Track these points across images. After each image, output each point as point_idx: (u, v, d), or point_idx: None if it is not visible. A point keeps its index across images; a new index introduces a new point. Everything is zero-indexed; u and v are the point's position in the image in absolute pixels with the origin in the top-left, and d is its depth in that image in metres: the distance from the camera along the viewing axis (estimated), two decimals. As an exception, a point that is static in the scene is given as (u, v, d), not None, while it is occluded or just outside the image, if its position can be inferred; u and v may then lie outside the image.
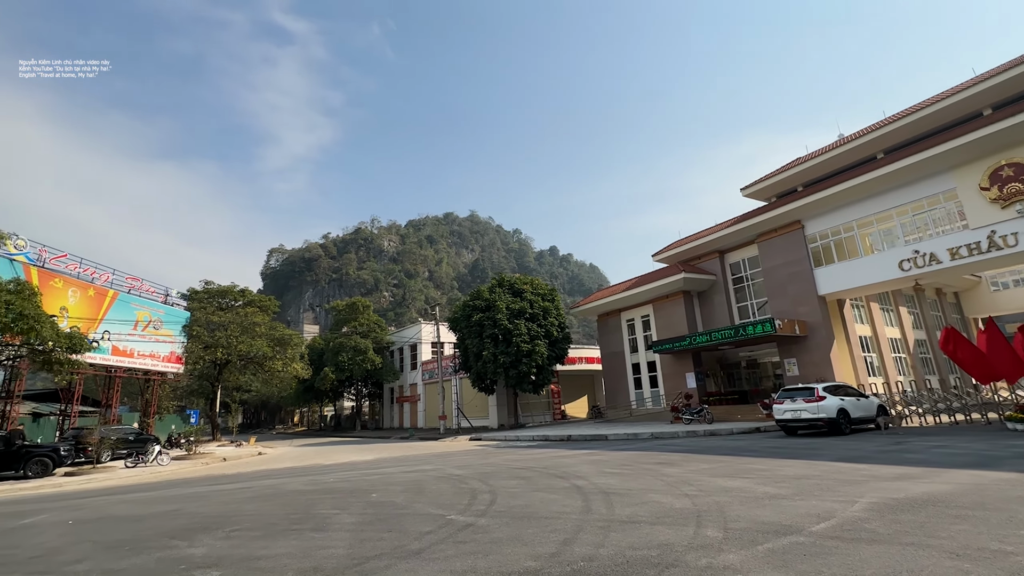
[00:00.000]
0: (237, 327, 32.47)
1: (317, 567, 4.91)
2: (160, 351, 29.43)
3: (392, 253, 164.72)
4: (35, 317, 16.01)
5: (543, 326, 30.33)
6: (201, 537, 6.58)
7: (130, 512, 9.14)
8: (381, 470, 13.76)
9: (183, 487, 12.99)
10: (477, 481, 10.14)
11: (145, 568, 5.28)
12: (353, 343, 41.40)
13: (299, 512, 7.98)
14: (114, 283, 26.67)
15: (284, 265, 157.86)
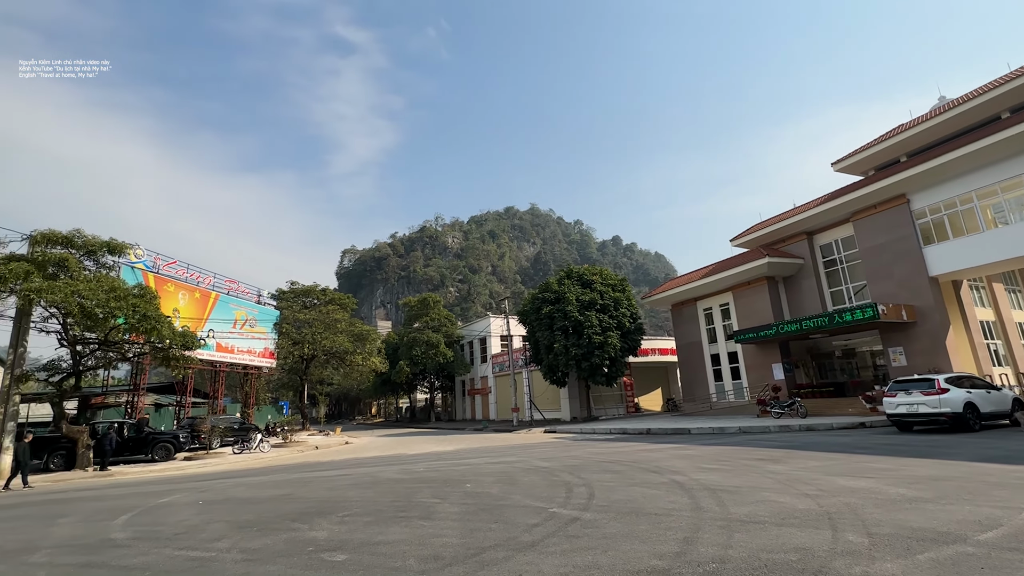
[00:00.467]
0: (321, 324, 34.52)
1: (436, 555, 4.99)
2: (255, 347, 31.92)
3: (456, 249, 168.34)
4: (156, 318, 17.80)
5: (614, 317, 29.66)
6: (318, 521, 6.95)
7: (248, 495, 9.90)
8: (467, 461, 14.02)
9: (287, 473, 13.95)
10: (567, 474, 10.02)
11: (276, 549, 5.63)
12: (425, 337, 42.73)
13: (401, 500, 8.25)
14: (215, 286, 29.20)
15: (356, 265, 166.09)
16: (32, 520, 8.56)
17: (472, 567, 4.56)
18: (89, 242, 17.76)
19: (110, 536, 6.83)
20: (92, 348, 19.31)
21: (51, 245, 17.35)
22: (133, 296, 17.44)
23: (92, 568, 5.33)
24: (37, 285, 15.43)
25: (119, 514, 8.52)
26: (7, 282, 15.57)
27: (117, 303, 16.64)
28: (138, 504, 9.52)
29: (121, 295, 17.05)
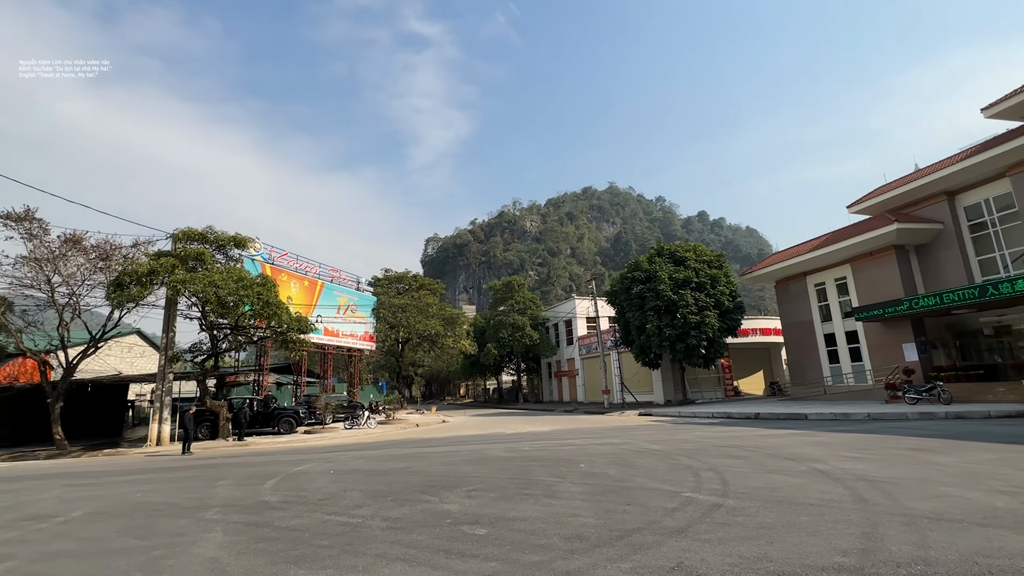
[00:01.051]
0: (414, 308, 36.13)
1: (578, 535, 4.84)
2: (357, 331, 34.13)
3: (535, 233, 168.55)
4: (276, 304, 19.53)
5: (712, 295, 27.90)
6: (446, 494, 7.13)
7: (372, 467, 10.50)
8: (570, 441, 13.90)
9: (398, 448, 14.72)
10: (685, 458, 9.51)
11: (415, 519, 5.81)
12: (511, 320, 43.24)
13: (520, 478, 8.26)
14: (320, 275, 31.48)
15: (439, 252, 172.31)
16: (197, 481, 9.71)
17: (623, 550, 4.34)
18: (220, 237, 19.78)
19: (264, 499, 7.50)
20: (225, 332, 21.64)
21: (189, 241, 19.55)
22: (257, 285, 19.22)
23: (258, 527, 5.82)
24: (182, 277, 17.48)
25: (265, 479, 9.39)
26: (159, 275, 17.80)
27: (245, 291, 18.42)
28: (278, 471, 10.46)
29: (247, 284, 18.85)
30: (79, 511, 7.25)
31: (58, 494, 9.00)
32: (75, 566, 4.70)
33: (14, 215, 18.96)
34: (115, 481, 10.39)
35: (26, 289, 20.56)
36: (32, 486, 10.26)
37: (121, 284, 17.82)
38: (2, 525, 6.59)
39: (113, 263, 20.47)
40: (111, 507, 7.47)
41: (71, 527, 6.29)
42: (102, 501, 8.01)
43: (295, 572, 4.23)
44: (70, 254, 20.05)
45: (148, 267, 17.35)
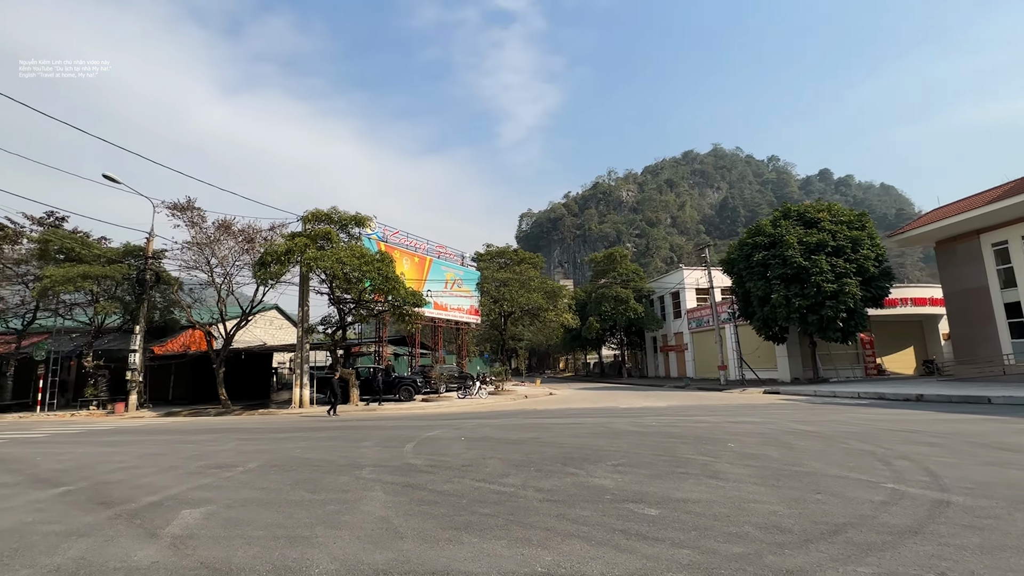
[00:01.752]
0: (516, 282, 36.33)
1: (775, 525, 4.16)
2: (463, 305, 35.18)
3: (631, 203, 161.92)
4: (395, 279, 20.53)
5: (852, 260, 24.46)
6: (590, 468, 6.76)
7: (500, 435, 10.52)
8: (699, 418, 12.94)
9: (517, 418, 14.78)
10: (857, 442, 8.23)
11: (570, 492, 5.49)
12: (614, 293, 41.94)
13: (665, 454, 7.66)
14: (428, 251, 32.70)
15: (533, 227, 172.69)
16: (343, 441, 10.41)
17: (845, 548, 3.60)
18: (342, 217, 21.11)
19: (409, 461, 7.72)
20: (349, 307, 23.31)
21: (317, 222, 21.11)
22: (376, 261, 20.27)
23: (414, 489, 5.89)
24: (313, 254, 18.94)
25: (403, 443, 9.79)
26: (294, 254, 19.45)
27: (367, 267, 19.52)
28: (412, 435, 10.89)
29: (368, 260, 19.94)
30: (254, 463, 8.00)
31: (234, 446, 10.15)
32: (264, 514, 5.02)
33: (179, 205, 21.79)
34: (276, 437, 11.53)
35: (191, 270, 23.78)
36: (212, 438, 11.75)
37: (264, 263, 19.78)
38: (197, 471, 7.45)
39: (256, 245, 22.85)
40: (279, 460, 8.16)
41: (251, 477, 6.90)
42: (270, 455, 8.82)
43: (468, 539, 4.08)
44: (222, 238, 22.71)
45: (285, 247, 19.02)
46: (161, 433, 13.50)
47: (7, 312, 26.58)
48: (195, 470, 7.55)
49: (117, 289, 24.58)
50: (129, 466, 8.11)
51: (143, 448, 10.33)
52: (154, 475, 7.26)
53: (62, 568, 3.74)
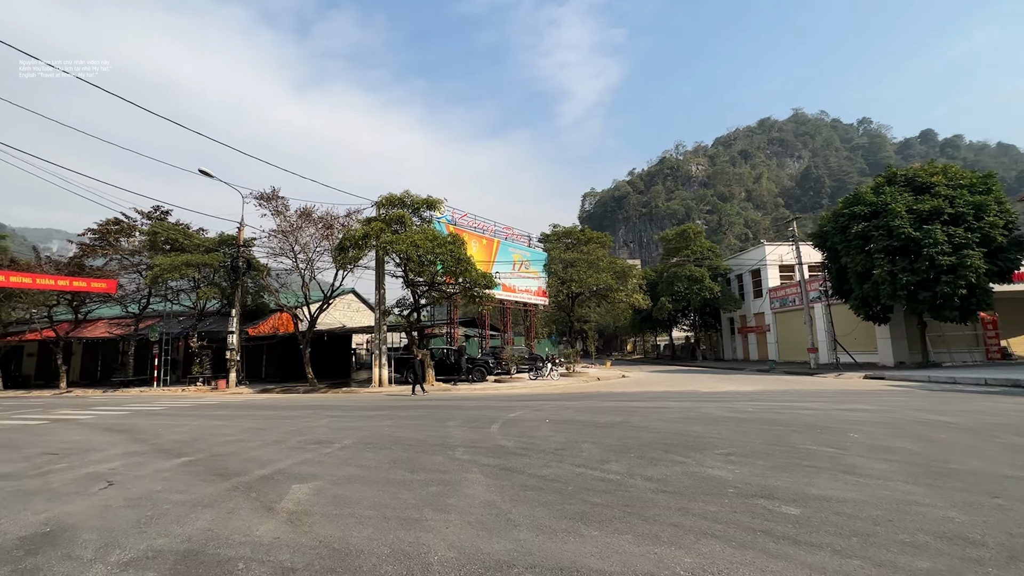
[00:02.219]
0: (584, 263, 35.52)
1: (958, 535, 3.48)
2: (531, 286, 34.97)
3: (701, 177, 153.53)
4: (467, 261, 20.61)
5: (974, 229, 21.46)
6: (698, 456, 6.23)
7: (584, 418, 10.16)
8: (799, 404, 11.87)
9: (595, 400, 14.36)
10: (1014, 435, 7.05)
11: (684, 484, 5.03)
12: (687, 272, 39.97)
13: (778, 444, 6.95)
14: (496, 233, 32.66)
15: (597, 207, 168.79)
16: (429, 420, 10.51)
17: (1071, 572, 2.89)
18: (415, 200, 21.40)
19: (499, 443, 7.56)
20: (423, 289, 23.76)
21: (391, 206, 21.54)
22: (448, 243, 20.41)
23: (513, 473, 5.68)
24: (389, 238, 19.35)
25: (487, 423, 9.70)
26: (370, 238, 19.99)
27: (439, 249, 19.69)
28: (494, 416, 10.81)
29: (441, 242, 20.11)
30: (349, 440, 8.20)
31: (327, 423, 10.56)
32: (369, 493, 5.00)
33: (265, 195, 23.05)
34: (364, 415, 11.90)
35: (277, 257, 25.23)
36: (306, 415, 12.35)
37: (343, 247, 20.51)
38: (298, 447, 7.73)
39: (334, 231, 23.78)
40: (371, 438, 8.32)
41: (349, 454, 7.03)
42: (362, 432, 9.03)
43: (587, 531, 3.77)
44: (304, 226, 23.83)
45: (362, 231, 19.58)
46: (259, 409, 14.43)
47: (126, 298, 29.70)
48: (296, 445, 7.83)
49: (215, 275, 26.65)
50: (237, 439, 8.59)
51: (246, 423, 11.01)
52: (260, 449, 7.60)
53: (193, 539, 3.84)
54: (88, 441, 8.83)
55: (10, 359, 33.84)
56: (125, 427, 10.72)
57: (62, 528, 4.14)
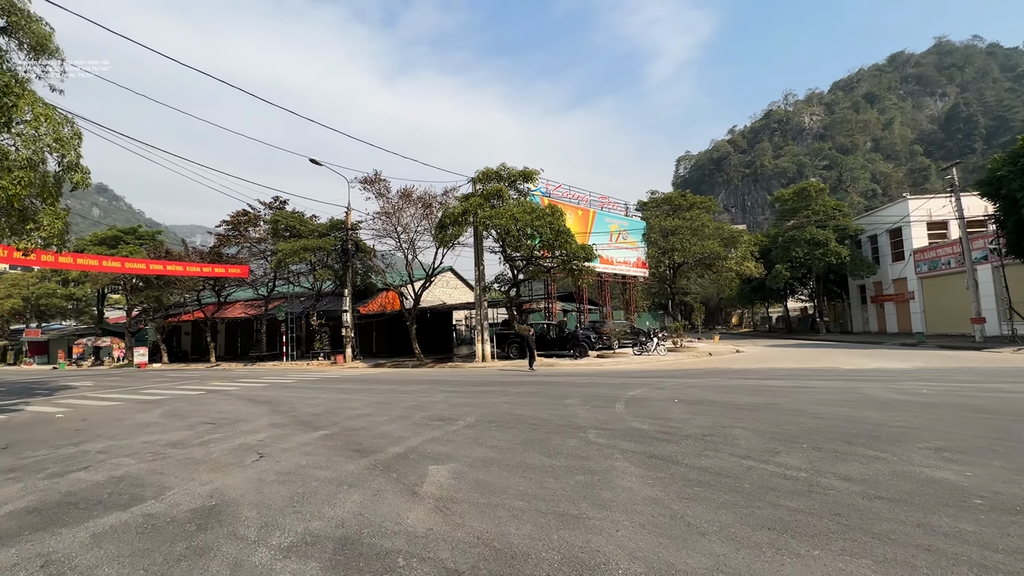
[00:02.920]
0: (687, 230, 33.04)
1: None
2: (630, 258, 33.36)
3: (816, 129, 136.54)
4: (567, 233, 19.85)
5: None
6: (895, 450, 5.06)
7: (719, 398, 9.12)
8: (991, 385, 9.74)
9: (719, 377, 13.09)
10: None
11: (900, 488, 3.99)
12: (808, 235, 35.64)
13: (1004, 437, 5.50)
14: (591, 203, 31.37)
15: (692, 171, 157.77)
16: (545, 398, 10.10)
17: None
18: (511, 173, 20.93)
19: (633, 425, 6.88)
20: (521, 264, 23.45)
21: (487, 180, 21.29)
22: (547, 215, 19.74)
23: (666, 462, 4.99)
24: (488, 213, 19.13)
25: (608, 402, 9.05)
26: (469, 214, 19.92)
27: (538, 221, 19.11)
28: (613, 394, 10.12)
29: (540, 215, 19.51)
30: (470, 417, 8.00)
31: (443, 398, 10.59)
32: (512, 480, 4.59)
33: (368, 178, 23.94)
34: (477, 391, 11.83)
35: (381, 238, 26.29)
36: (421, 389, 12.59)
37: (443, 225, 20.71)
38: (423, 423, 7.67)
39: (433, 210, 24.17)
40: (492, 415, 8.05)
41: (476, 432, 6.77)
42: (481, 408, 8.84)
43: (803, 549, 2.98)
44: (404, 206, 24.49)
45: (461, 207, 19.55)
46: (377, 383, 15.08)
47: (256, 282, 33.03)
48: (421, 421, 7.78)
49: (328, 258, 28.56)
50: (365, 414, 8.80)
51: (369, 396, 11.40)
52: (388, 424, 7.64)
53: (346, 523, 3.66)
54: (237, 412, 9.59)
55: (172, 337, 39.53)
56: (265, 399, 11.61)
57: (225, 503, 4.21)
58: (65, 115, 11.35)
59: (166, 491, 4.58)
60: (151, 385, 17.05)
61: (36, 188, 11.17)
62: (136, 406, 11.24)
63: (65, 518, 3.96)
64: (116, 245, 32.63)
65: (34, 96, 10.81)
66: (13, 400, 13.66)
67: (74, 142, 11.28)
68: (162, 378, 20.57)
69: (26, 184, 10.35)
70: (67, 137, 11.10)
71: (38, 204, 11.73)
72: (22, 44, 12.08)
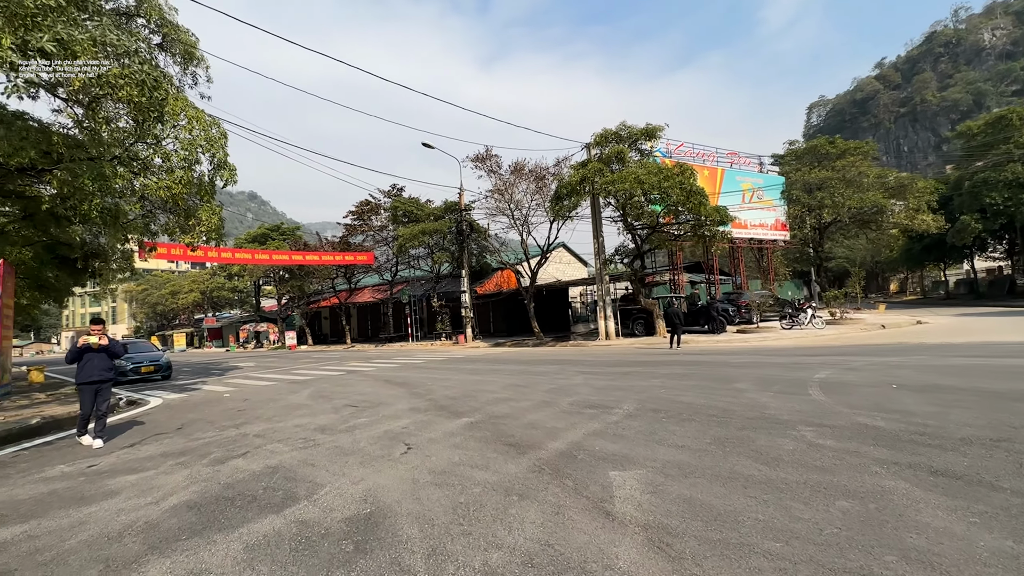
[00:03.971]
0: (839, 181, 28.06)
1: None
2: (766, 219, 29.39)
3: (1001, 46, 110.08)
4: (700, 194, 17.53)
5: None
6: None
7: (947, 382, 6.87)
8: None
9: (923, 354, 10.37)
10: None
11: None
12: (1008, 175, 28.34)
13: None
14: (718, 161, 27.99)
15: (829, 118, 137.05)
16: (707, 381, 8.57)
17: None
18: (632, 132, 18.99)
19: (861, 421, 5.18)
20: (644, 233, 21.48)
21: (605, 143, 19.58)
22: (676, 175, 17.57)
23: (968, 486, 3.37)
24: (609, 178, 17.53)
25: (793, 387, 7.29)
26: (587, 182, 18.48)
27: (667, 183, 17.05)
28: (790, 376, 8.27)
29: (668, 175, 17.42)
30: (627, 404, 6.83)
31: (583, 380, 9.55)
32: (734, 500, 3.35)
33: (480, 156, 23.51)
34: (618, 372, 10.63)
35: (494, 217, 25.90)
36: (554, 370, 11.71)
37: (559, 196, 19.53)
38: (572, 411, 6.68)
39: (546, 183, 23.10)
40: (652, 402, 6.81)
41: (644, 425, 5.59)
42: (635, 394, 7.63)
43: None
44: (516, 182, 23.72)
45: (578, 175, 18.15)
46: (504, 363, 14.56)
47: (381, 268, 34.96)
48: (570, 409, 6.80)
49: (444, 241, 29.05)
50: (505, 398, 8.07)
51: (502, 378, 10.77)
52: (535, 412, 6.77)
53: (534, 559, 2.72)
54: (377, 394, 9.48)
55: (314, 321, 43.83)
56: (400, 380, 11.57)
57: (381, 511, 3.55)
58: (212, 117, 12.10)
59: (318, 489, 4.09)
60: (299, 366, 18.45)
61: (194, 187, 12.12)
62: (288, 386, 11.85)
63: (221, 519, 3.58)
64: (265, 241, 36.60)
65: (187, 101, 11.61)
66: (194, 379, 15.47)
67: (221, 142, 11.96)
68: (308, 359, 22.40)
69: (186, 183, 11.19)
70: (215, 137, 11.79)
71: (197, 201, 12.74)
72: (175, 55, 13.14)
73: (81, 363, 6.42)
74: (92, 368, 6.45)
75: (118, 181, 9.70)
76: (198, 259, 21.49)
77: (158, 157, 10.91)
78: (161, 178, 10.96)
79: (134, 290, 68.06)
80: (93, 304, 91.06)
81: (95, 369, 6.47)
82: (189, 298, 53.98)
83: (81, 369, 6.42)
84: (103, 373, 6.53)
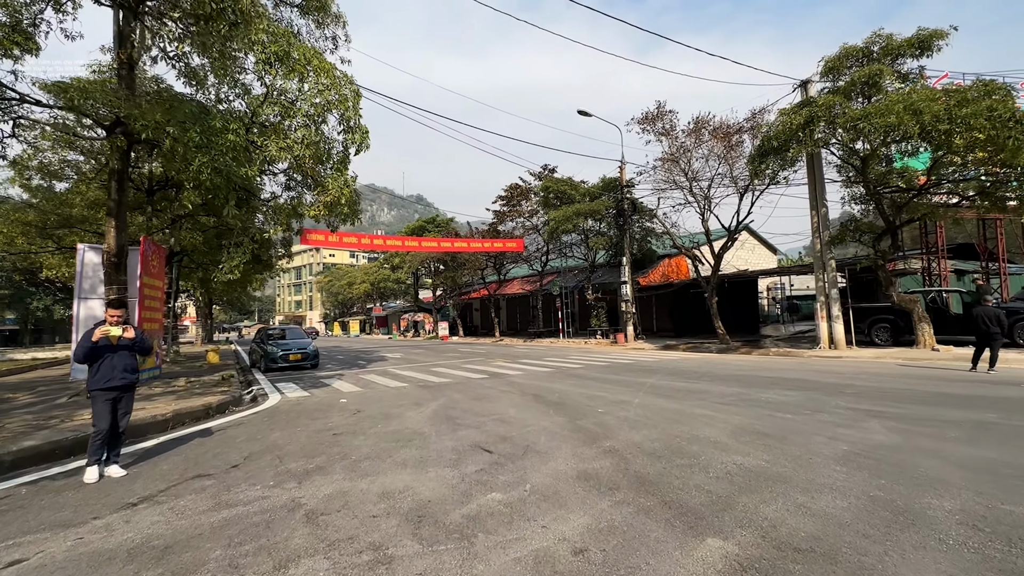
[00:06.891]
0: None
1: None
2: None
3: None
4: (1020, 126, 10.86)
5: None
6: None
7: None
8: None
9: None
10: None
11: None
12: None
13: None
14: (1006, 95, 19.16)
15: None
16: None
17: None
18: (892, 45, 12.88)
19: None
20: (898, 198, 14.97)
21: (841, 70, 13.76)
22: (981, 98, 11.19)
23: None
24: (855, 113, 11.92)
25: None
26: (816, 122, 12.97)
27: (966, 110, 10.86)
28: None
29: (962, 99, 11.17)
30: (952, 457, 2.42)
31: (879, 424, 5.06)
32: None
33: (649, 115, 19.21)
34: (930, 415, 5.82)
35: (663, 193, 21.28)
36: (800, 401, 7.27)
37: (764, 152, 14.34)
38: (922, 518, 2.52)
39: (737, 143, 17.92)
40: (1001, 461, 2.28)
41: None
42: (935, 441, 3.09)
43: None
44: (695, 146, 18.89)
45: (804, 114, 12.75)
46: (697, 378, 10.35)
47: (530, 257, 32.64)
48: (919, 512, 2.63)
49: (602, 223, 25.31)
50: (760, 465, 4.14)
51: (716, 410, 6.74)
52: (848, 516, 2.76)
53: None
54: (523, 424, 6.27)
55: (465, 313, 43.79)
56: (556, 397, 8.29)
57: None
58: (345, 74, 10.26)
59: None
60: (443, 361, 16.57)
61: (323, 152, 10.44)
62: (416, 393, 9.48)
63: None
64: (421, 232, 37.14)
65: (314, 50, 9.92)
66: (335, 371, 14.35)
67: (354, 100, 10.08)
68: (455, 353, 20.74)
69: (308, 143, 9.47)
70: (347, 97, 9.93)
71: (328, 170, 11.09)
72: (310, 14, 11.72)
73: (96, 363, 4.34)
74: (111, 369, 4.35)
75: (230, 137, 8.19)
76: (349, 246, 21.34)
77: (274, 109, 9.23)
78: (283, 139, 9.36)
79: (323, 281, 78.04)
80: (296, 293, 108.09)
81: (116, 371, 4.36)
82: (361, 288, 59.16)
83: (97, 370, 4.34)
84: (126, 376, 4.41)
